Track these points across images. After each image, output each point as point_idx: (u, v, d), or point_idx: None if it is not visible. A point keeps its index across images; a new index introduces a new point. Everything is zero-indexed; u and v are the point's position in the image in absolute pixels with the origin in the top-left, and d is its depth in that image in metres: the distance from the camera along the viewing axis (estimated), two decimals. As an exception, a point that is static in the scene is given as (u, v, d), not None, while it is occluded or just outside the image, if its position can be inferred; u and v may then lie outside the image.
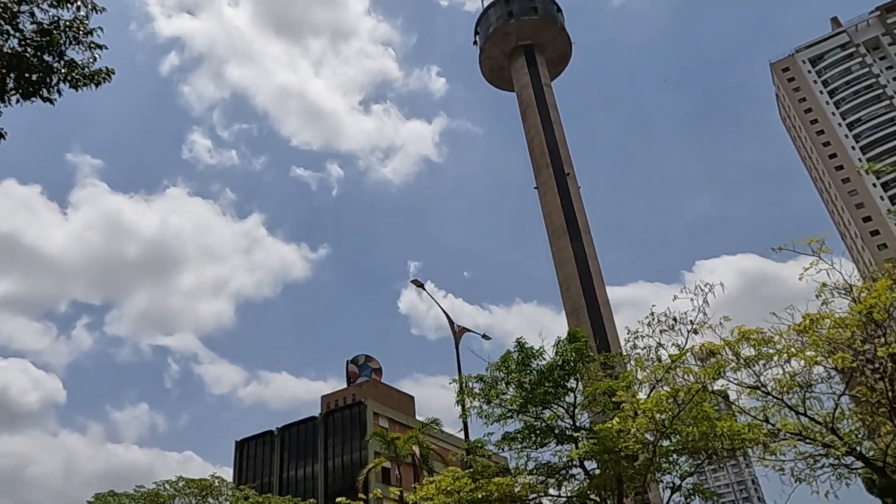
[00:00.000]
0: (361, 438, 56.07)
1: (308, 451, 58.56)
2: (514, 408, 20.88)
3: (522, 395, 20.28)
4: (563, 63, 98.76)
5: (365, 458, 55.16)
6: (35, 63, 10.00)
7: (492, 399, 20.91)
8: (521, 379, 20.68)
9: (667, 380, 20.38)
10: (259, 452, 59.12)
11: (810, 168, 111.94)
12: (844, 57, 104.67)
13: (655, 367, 18.22)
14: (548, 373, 20.37)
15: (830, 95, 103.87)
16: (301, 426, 61.23)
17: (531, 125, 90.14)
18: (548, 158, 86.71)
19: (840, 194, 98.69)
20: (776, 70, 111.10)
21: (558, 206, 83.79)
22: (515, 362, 20.54)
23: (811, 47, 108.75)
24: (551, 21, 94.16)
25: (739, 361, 17.92)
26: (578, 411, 20.83)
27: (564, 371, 20.39)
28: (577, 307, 77.27)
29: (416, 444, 27.92)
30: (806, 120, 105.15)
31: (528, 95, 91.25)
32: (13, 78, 9.90)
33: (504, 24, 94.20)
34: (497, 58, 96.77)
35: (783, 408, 17.58)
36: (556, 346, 20.40)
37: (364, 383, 66.64)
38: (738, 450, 17.85)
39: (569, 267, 79.96)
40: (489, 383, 20.88)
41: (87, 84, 10.46)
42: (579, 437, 20.73)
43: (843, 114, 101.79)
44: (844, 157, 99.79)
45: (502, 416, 21.07)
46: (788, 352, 17.96)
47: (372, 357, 70.28)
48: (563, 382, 20.45)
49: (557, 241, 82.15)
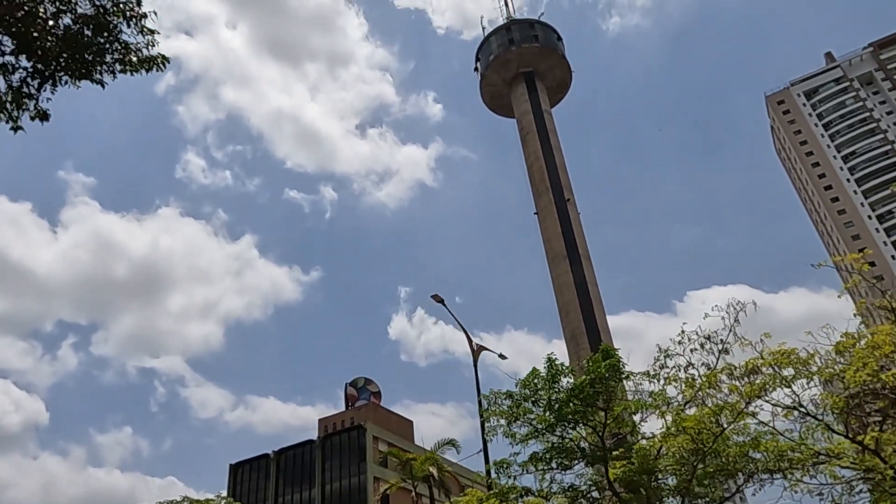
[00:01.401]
0: (360, 463, 54.87)
1: (305, 476, 57.16)
2: (541, 427, 20.27)
3: (551, 414, 19.69)
4: (562, 91, 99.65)
5: (364, 483, 53.91)
6: (90, 43, 9.58)
7: (519, 416, 20.31)
8: (549, 397, 20.12)
9: (700, 398, 19.98)
10: (254, 477, 57.65)
11: (805, 199, 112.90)
12: (839, 91, 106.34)
13: (700, 384, 17.69)
14: (577, 391, 19.81)
15: (825, 128, 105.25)
16: (298, 450, 59.84)
17: (531, 151, 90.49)
18: (548, 184, 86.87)
19: (836, 226, 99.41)
20: (771, 102, 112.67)
21: (558, 231, 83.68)
22: (544, 380, 19.98)
23: (805, 81, 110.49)
24: (552, 49, 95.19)
25: (779, 381, 17.52)
26: (608, 431, 20.23)
27: (594, 389, 19.85)
28: (577, 333, 76.65)
29: (434, 465, 27.11)
30: (801, 152, 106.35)
31: (529, 122, 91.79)
32: (64, 58, 9.48)
33: (505, 51, 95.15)
34: (497, 85, 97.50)
35: (825, 430, 17.13)
36: (587, 363, 19.89)
37: (363, 407, 65.51)
38: (779, 472, 17.29)
39: (568, 293, 79.56)
40: (517, 401, 20.30)
41: (140, 69, 10.06)
42: (608, 457, 20.13)
43: (838, 146, 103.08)
44: (840, 189, 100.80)
45: (529, 435, 20.45)
46: (826, 372, 17.60)
47: (371, 380, 69.22)
48: (593, 401, 19.89)
49: (557, 267, 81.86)
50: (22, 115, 9.77)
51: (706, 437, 16.86)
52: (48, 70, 9.56)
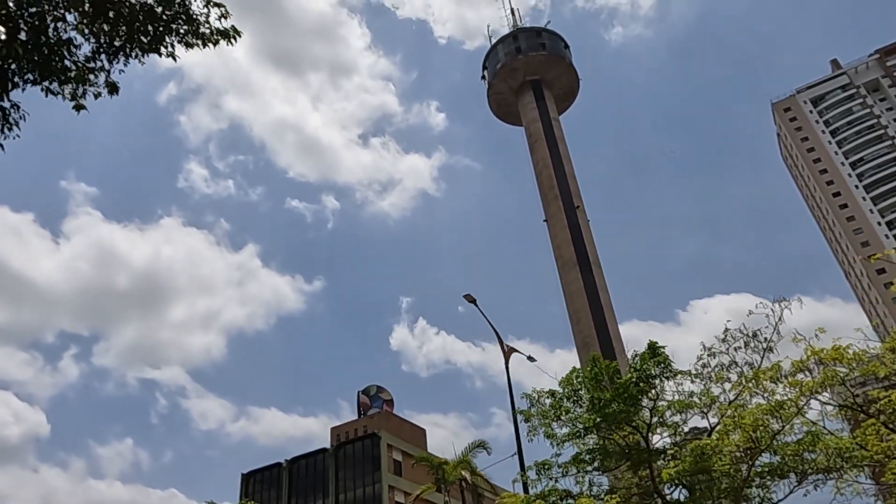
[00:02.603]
0: (375, 472, 54.17)
1: (318, 485, 56.43)
2: (584, 427, 19.83)
3: (595, 414, 19.24)
4: (569, 99, 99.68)
5: (379, 492, 53.18)
6: (160, 14, 9.21)
7: (561, 416, 19.88)
8: (593, 396, 19.70)
9: (744, 398, 19.55)
10: (266, 486, 56.97)
11: (813, 206, 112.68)
12: (846, 98, 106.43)
13: (746, 382, 17.29)
14: (622, 389, 19.38)
15: (832, 135, 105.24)
16: (310, 459, 59.11)
17: (539, 158, 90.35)
18: (557, 191, 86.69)
19: (845, 232, 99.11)
20: (778, 110, 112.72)
21: (568, 238, 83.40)
22: (587, 378, 19.57)
23: (812, 88, 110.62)
24: (559, 57, 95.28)
25: (834, 378, 17.11)
26: (653, 431, 19.78)
27: (639, 388, 19.42)
28: (588, 340, 76.05)
29: (468, 469, 26.56)
30: (809, 159, 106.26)
31: (537, 129, 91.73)
32: (125, 31, 9.12)
33: (512, 59, 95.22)
34: (505, 93, 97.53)
35: (884, 429, 16.71)
36: (633, 360, 19.47)
37: (376, 415, 64.86)
38: (835, 472, 16.82)
39: (579, 300, 79.18)
40: (559, 400, 19.88)
41: (212, 41, 9.70)
42: (652, 459, 19.67)
43: (846, 153, 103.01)
44: (848, 195, 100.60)
45: (571, 435, 20.01)
46: (883, 368, 17.19)
47: (383, 388, 68.60)
48: (638, 400, 19.46)
49: (567, 274, 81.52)
50: (85, 92, 9.42)
51: (762, 435, 16.42)
52: (118, 43, 9.22)
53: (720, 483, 17.01)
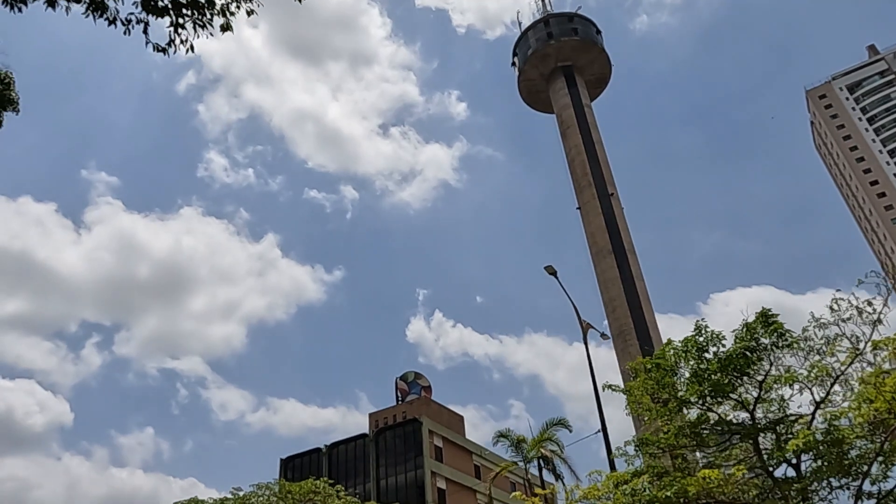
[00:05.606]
0: (417, 457, 53.61)
1: (358, 470, 56.02)
2: (688, 399, 19.03)
3: (704, 386, 18.41)
4: (601, 85, 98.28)
5: (421, 477, 52.63)
6: None
7: (665, 386, 19.08)
8: (697, 367, 18.88)
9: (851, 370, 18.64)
10: (305, 472, 56.52)
11: (848, 196, 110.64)
12: (883, 84, 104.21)
13: (877, 345, 16.38)
14: (728, 361, 18.53)
15: (870, 122, 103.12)
16: (350, 444, 58.68)
17: (572, 145, 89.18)
18: (590, 178, 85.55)
19: (882, 221, 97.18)
20: (812, 97, 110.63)
21: (602, 226, 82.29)
22: (695, 345, 18.73)
23: (848, 74, 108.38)
24: (592, 43, 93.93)
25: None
26: (761, 404, 18.94)
27: (748, 359, 18.55)
28: (624, 329, 74.98)
29: (546, 447, 25.89)
30: (845, 147, 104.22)
31: (569, 116, 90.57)
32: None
33: (543, 45, 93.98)
34: (535, 80, 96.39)
35: None
36: (740, 330, 18.58)
37: (414, 401, 64.38)
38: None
39: (614, 288, 78.01)
40: (662, 371, 19.07)
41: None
42: (761, 435, 18.85)
43: (884, 140, 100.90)
44: (886, 183, 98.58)
45: (675, 408, 19.22)
46: None
47: (421, 374, 68.17)
48: (746, 371, 18.60)
49: (602, 262, 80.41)
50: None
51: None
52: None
53: (849, 457, 16.14)
